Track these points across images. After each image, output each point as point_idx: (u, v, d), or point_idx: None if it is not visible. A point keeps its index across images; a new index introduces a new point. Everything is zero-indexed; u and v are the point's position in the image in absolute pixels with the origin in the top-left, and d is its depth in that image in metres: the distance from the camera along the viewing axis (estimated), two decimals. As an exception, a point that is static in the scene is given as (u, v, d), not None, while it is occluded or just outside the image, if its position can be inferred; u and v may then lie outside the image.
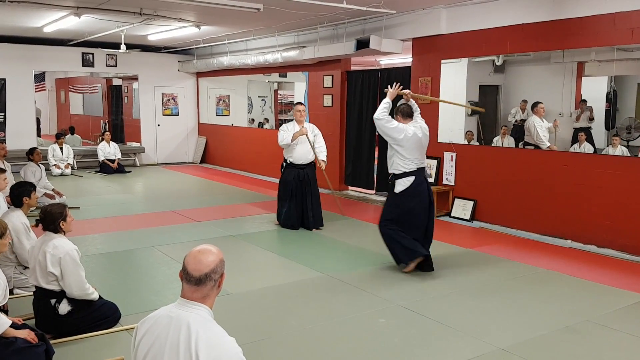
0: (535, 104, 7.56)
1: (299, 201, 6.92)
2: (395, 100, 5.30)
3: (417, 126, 5.19)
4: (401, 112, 5.23)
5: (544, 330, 3.94)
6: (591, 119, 7.35)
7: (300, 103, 7.21)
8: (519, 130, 7.92)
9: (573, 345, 3.72)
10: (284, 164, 7.03)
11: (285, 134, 6.81)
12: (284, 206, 7.00)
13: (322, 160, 6.92)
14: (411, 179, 5.12)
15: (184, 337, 1.97)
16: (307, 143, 6.85)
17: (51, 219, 3.79)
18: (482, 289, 4.83)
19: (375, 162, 9.47)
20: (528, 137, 7.61)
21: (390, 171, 5.27)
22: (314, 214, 6.93)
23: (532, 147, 7.41)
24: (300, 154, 6.88)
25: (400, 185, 5.15)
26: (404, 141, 5.08)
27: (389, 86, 5.37)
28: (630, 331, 3.93)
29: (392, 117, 5.19)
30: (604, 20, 6.00)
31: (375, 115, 5.15)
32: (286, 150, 6.94)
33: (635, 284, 4.97)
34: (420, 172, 5.20)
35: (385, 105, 5.18)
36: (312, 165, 6.98)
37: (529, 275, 5.20)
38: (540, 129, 7.41)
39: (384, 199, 9.14)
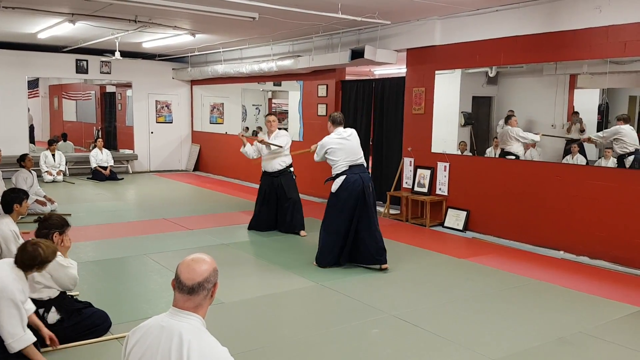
0: (508, 117, 7.59)
1: (272, 206, 7.27)
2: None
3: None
4: (332, 119, 5.86)
5: (537, 341, 3.93)
6: (582, 131, 7.39)
7: (271, 114, 8.11)
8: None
9: (566, 357, 3.72)
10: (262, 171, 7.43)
11: (250, 149, 7.34)
12: (256, 210, 7.39)
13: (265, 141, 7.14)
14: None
15: (176, 346, 1.94)
16: (275, 153, 7.10)
17: (47, 226, 3.74)
18: (475, 299, 4.82)
19: (369, 171, 9.44)
20: (506, 145, 7.55)
21: None
22: (292, 217, 7.17)
23: (513, 157, 7.41)
24: (269, 163, 7.20)
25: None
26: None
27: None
28: (623, 343, 3.93)
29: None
30: (597, 33, 6.05)
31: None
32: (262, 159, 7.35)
33: (628, 295, 4.99)
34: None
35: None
36: (287, 173, 7.22)
37: (522, 286, 5.20)
38: (513, 134, 7.45)
39: (377, 208, 9.19)
